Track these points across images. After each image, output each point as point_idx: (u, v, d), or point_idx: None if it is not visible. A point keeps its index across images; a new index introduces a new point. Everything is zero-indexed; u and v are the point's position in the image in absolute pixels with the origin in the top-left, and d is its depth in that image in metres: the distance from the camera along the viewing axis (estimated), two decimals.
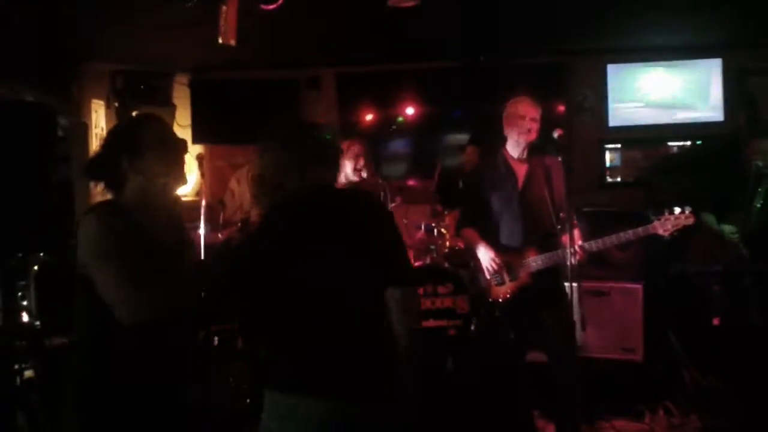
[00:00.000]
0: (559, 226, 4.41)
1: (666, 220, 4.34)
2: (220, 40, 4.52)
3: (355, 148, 5.17)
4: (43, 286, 5.04)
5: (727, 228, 5.83)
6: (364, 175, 5.21)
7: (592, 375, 5.54)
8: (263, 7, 4.46)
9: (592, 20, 6.21)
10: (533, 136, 4.63)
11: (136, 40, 6.40)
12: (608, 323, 5.96)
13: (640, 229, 4.43)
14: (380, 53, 7.44)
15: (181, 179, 2.95)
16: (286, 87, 7.96)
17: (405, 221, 6.65)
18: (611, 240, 4.48)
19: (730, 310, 5.64)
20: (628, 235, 4.44)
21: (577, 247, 4.36)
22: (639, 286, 6.01)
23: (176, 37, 6.21)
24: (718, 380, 5.42)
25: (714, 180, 6.29)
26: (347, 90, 8.07)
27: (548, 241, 4.55)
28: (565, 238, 4.31)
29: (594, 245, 4.49)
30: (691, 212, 4.32)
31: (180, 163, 2.95)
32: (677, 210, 4.33)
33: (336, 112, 8.04)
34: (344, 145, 4.98)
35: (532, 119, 4.61)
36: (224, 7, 4.35)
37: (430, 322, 6.03)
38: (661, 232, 4.35)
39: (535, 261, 4.59)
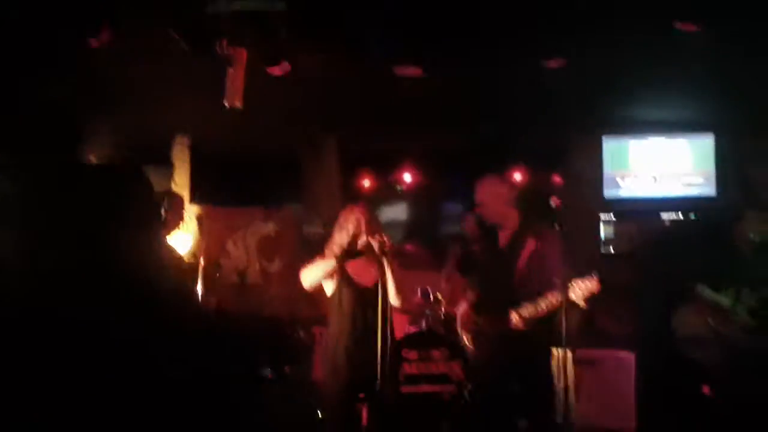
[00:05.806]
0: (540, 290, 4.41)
1: (576, 286, 4.25)
2: (226, 104, 4.53)
3: (363, 212, 4.60)
4: None
5: (724, 300, 5.82)
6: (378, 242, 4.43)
7: None
8: (270, 70, 4.52)
9: (587, 95, 6.35)
10: (488, 220, 4.74)
11: (138, 101, 6.46)
12: (600, 392, 5.95)
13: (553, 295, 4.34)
14: (382, 121, 7.53)
15: None
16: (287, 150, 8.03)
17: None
18: (536, 309, 4.40)
19: (725, 381, 5.62)
20: (547, 302, 4.36)
21: (516, 316, 4.43)
22: (632, 356, 6.01)
23: (178, 100, 6.28)
24: None
25: (708, 253, 6.31)
26: (348, 155, 8.18)
27: (523, 305, 4.49)
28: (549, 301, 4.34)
29: (525, 312, 4.43)
30: (596, 278, 4.21)
31: None
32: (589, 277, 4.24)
33: (337, 177, 8.14)
34: (347, 211, 4.61)
35: (481, 205, 4.73)
36: (231, 70, 4.39)
37: (424, 387, 6.01)
38: (573, 298, 4.25)
39: (503, 322, 4.54)
